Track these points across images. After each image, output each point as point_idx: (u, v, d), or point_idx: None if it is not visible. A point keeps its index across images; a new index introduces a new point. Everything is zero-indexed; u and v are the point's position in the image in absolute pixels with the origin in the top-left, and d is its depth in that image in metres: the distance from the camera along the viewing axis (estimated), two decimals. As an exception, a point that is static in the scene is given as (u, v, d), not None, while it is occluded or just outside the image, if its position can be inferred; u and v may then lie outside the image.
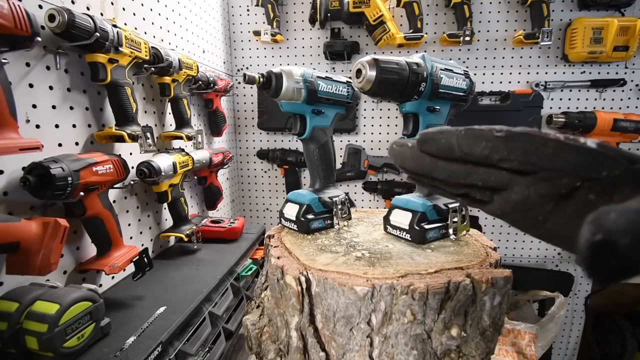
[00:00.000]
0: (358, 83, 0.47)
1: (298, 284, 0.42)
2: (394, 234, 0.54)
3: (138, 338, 0.58)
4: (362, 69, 0.46)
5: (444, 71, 0.49)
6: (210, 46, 1.35)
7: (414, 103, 0.50)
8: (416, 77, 0.46)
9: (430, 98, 0.49)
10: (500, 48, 1.43)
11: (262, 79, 0.52)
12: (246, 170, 1.69)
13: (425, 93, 0.48)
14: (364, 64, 0.45)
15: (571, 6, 1.37)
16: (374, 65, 0.45)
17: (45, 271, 0.52)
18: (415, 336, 0.36)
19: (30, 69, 0.59)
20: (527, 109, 1.40)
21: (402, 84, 0.46)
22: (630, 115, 1.34)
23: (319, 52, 1.51)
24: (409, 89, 0.47)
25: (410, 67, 0.46)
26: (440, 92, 0.49)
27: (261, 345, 0.49)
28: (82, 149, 0.70)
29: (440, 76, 0.49)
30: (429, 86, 0.48)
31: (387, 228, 0.55)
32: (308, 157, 0.61)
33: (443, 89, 0.49)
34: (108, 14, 0.77)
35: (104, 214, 0.67)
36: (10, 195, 0.55)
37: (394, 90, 0.47)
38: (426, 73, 0.47)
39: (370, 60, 0.45)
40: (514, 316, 1.43)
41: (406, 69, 0.46)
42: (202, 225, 1.07)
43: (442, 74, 0.49)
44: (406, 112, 0.52)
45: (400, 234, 0.52)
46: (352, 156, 1.55)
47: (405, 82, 0.46)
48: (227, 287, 0.88)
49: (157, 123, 0.97)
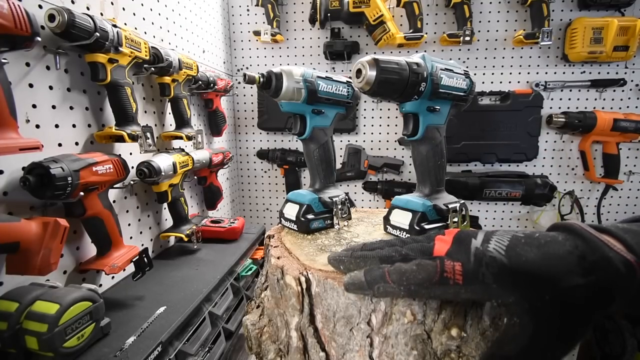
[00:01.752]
0: (358, 83, 0.46)
1: (298, 284, 0.42)
2: (394, 234, 0.54)
3: (138, 338, 0.58)
4: (362, 69, 0.45)
5: (444, 71, 0.49)
6: (210, 46, 1.35)
7: (414, 103, 0.49)
8: (416, 77, 0.46)
9: (430, 98, 0.49)
10: (500, 48, 1.43)
11: (262, 79, 0.52)
12: (246, 170, 1.69)
13: (425, 93, 0.48)
14: (363, 64, 0.45)
15: (571, 6, 1.37)
16: (374, 65, 0.45)
17: (45, 271, 0.52)
18: (415, 336, 0.36)
19: (30, 69, 0.59)
20: (527, 108, 1.40)
21: (402, 84, 0.46)
22: (630, 115, 1.34)
23: (319, 52, 1.51)
24: (409, 88, 0.47)
25: (411, 67, 0.46)
26: (440, 92, 0.49)
27: (261, 345, 0.49)
28: (82, 149, 0.70)
29: (440, 76, 0.48)
30: (429, 86, 0.48)
31: (387, 228, 0.55)
32: (308, 157, 0.61)
33: (443, 88, 0.49)
34: (108, 14, 0.77)
35: (104, 214, 0.67)
36: (10, 195, 0.55)
37: (394, 90, 0.47)
38: (426, 73, 0.47)
39: (370, 60, 0.45)
40: (514, 316, 1.43)
41: (406, 69, 0.46)
42: (202, 225, 1.07)
43: (442, 73, 0.49)
44: (406, 112, 0.51)
45: (400, 234, 0.52)
46: (352, 156, 1.55)
47: (405, 82, 0.46)
48: (227, 287, 0.88)
49: (157, 123, 0.97)
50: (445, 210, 0.51)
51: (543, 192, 1.37)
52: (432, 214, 0.51)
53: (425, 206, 0.50)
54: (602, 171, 1.44)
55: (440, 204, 0.52)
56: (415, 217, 0.50)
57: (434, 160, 0.53)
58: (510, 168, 1.49)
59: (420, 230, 0.50)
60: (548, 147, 1.47)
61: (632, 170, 1.44)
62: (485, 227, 1.57)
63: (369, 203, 1.63)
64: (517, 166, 1.49)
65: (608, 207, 1.49)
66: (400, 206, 0.53)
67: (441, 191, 0.55)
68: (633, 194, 1.46)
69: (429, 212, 0.51)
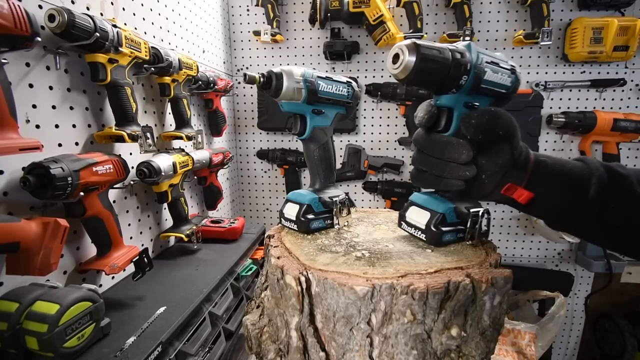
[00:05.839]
0: (394, 69, 0.41)
1: (298, 284, 0.42)
2: (409, 232, 0.52)
3: (138, 338, 0.58)
4: (400, 54, 0.40)
5: (489, 64, 0.44)
6: (210, 46, 1.35)
7: (451, 97, 0.44)
8: (459, 68, 0.41)
9: (469, 93, 0.44)
10: (500, 48, 1.43)
11: (262, 79, 0.52)
12: (246, 170, 1.69)
13: (465, 87, 0.43)
14: (402, 48, 0.40)
15: (571, 6, 1.37)
16: (414, 50, 0.39)
17: (45, 271, 0.52)
18: (415, 336, 0.36)
19: (30, 69, 0.59)
20: (527, 108, 1.40)
21: (442, 75, 0.41)
22: (630, 115, 1.34)
23: (319, 52, 1.51)
24: (448, 80, 0.42)
25: (454, 57, 0.41)
26: (481, 87, 0.44)
27: (261, 345, 0.49)
28: (82, 149, 0.70)
29: (485, 70, 0.43)
30: (471, 80, 0.42)
31: (401, 224, 0.53)
32: (308, 157, 0.61)
33: (485, 84, 0.44)
34: (108, 14, 0.77)
35: (104, 214, 0.67)
36: (10, 195, 0.55)
37: (432, 81, 0.42)
38: (470, 65, 0.42)
39: (411, 44, 0.39)
40: (514, 316, 1.43)
41: (449, 58, 0.41)
42: (202, 225, 1.07)
43: (487, 67, 0.44)
44: (441, 105, 0.46)
45: (415, 233, 0.50)
46: (352, 156, 1.55)
47: (446, 73, 0.41)
48: (227, 287, 0.88)
49: (157, 123, 0.97)
50: (466, 213, 0.49)
51: (543, 192, 1.37)
52: (452, 216, 0.48)
53: (446, 207, 0.48)
54: (602, 171, 1.44)
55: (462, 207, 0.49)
56: (433, 218, 0.48)
57: None
58: (510, 168, 1.49)
59: (438, 232, 0.47)
60: (548, 147, 1.47)
61: (632, 170, 1.43)
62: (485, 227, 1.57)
63: (369, 203, 1.63)
64: (517, 166, 1.49)
65: (608, 207, 1.49)
66: (419, 204, 0.50)
67: None
68: (633, 194, 1.46)
69: (449, 214, 0.48)
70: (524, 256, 1.59)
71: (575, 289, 1.56)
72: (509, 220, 1.56)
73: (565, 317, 1.50)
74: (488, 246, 0.51)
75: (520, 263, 1.58)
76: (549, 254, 1.56)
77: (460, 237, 0.50)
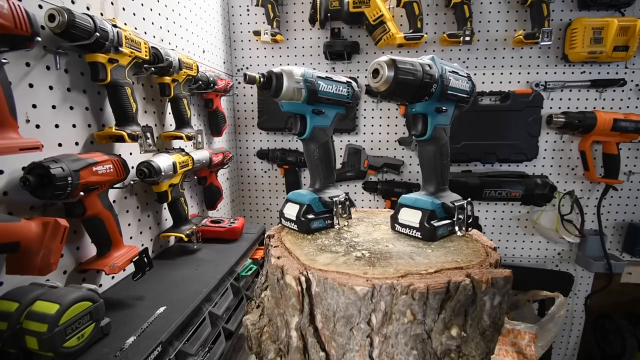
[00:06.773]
0: (375, 83, 0.47)
1: (298, 284, 0.42)
2: (403, 232, 0.54)
3: (138, 338, 0.58)
4: (379, 69, 0.46)
5: (451, 73, 0.51)
6: (210, 46, 1.35)
7: (423, 104, 0.51)
8: (429, 78, 0.47)
9: (439, 99, 0.50)
10: (500, 48, 1.43)
11: (262, 79, 0.52)
12: (246, 170, 1.69)
13: (435, 94, 0.49)
14: (381, 64, 0.46)
15: (571, 6, 1.37)
16: (392, 66, 0.45)
17: (45, 271, 0.52)
18: (415, 336, 0.36)
19: (30, 69, 0.59)
20: (527, 109, 1.40)
21: (417, 85, 0.47)
22: (630, 115, 1.34)
23: (319, 52, 1.51)
24: (421, 89, 0.48)
25: (424, 69, 0.47)
26: (448, 94, 0.50)
27: (261, 345, 0.49)
28: (82, 149, 0.70)
29: (449, 78, 0.50)
30: (439, 87, 0.49)
31: (394, 226, 0.56)
32: (308, 157, 0.61)
33: (451, 90, 0.51)
34: (108, 14, 0.77)
35: (104, 214, 0.67)
36: (10, 195, 0.55)
37: (408, 91, 0.48)
38: (437, 74, 0.48)
39: (388, 61, 0.45)
40: (514, 316, 1.43)
41: (420, 70, 0.47)
42: (202, 225, 1.07)
43: (450, 75, 0.50)
44: (416, 112, 0.52)
45: (410, 232, 0.53)
46: (352, 156, 1.55)
47: (419, 83, 0.47)
48: (227, 287, 0.88)
49: (157, 123, 0.97)
50: (452, 207, 0.53)
51: (543, 192, 1.38)
52: (441, 211, 0.53)
53: (434, 204, 0.52)
54: (602, 171, 1.44)
55: (448, 202, 0.53)
56: (425, 215, 0.51)
57: (440, 160, 0.54)
58: (510, 168, 1.50)
59: (431, 227, 0.51)
60: (548, 147, 1.47)
61: (632, 170, 1.44)
62: (485, 227, 1.57)
63: (369, 203, 1.63)
64: (517, 166, 1.49)
65: (608, 207, 1.49)
66: (409, 205, 0.54)
67: (445, 189, 0.56)
68: (633, 194, 1.46)
69: (438, 210, 0.52)
70: (524, 256, 1.59)
71: (575, 289, 1.56)
72: (509, 220, 1.56)
73: (565, 317, 1.50)
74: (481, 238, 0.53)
75: (520, 263, 1.58)
76: (548, 254, 1.56)
77: (451, 230, 0.54)
